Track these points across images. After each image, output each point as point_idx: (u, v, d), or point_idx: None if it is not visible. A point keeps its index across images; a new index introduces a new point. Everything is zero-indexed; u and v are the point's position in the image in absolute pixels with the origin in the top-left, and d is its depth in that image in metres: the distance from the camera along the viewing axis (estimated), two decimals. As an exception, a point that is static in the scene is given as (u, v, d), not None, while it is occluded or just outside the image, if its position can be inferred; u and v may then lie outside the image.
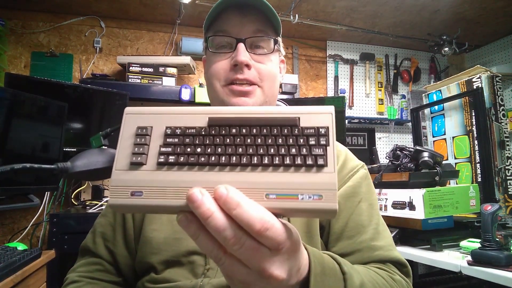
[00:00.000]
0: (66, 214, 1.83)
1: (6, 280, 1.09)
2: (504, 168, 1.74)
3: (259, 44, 0.68)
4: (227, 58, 0.67)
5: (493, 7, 2.52)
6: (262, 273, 0.34)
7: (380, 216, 0.70)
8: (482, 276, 1.15)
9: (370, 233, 0.64)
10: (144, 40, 2.71)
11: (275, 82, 0.71)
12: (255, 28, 0.67)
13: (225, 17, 0.68)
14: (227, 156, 0.35)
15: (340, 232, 0.64)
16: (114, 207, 0.36)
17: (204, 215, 0.32)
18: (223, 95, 0.67)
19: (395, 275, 0.59)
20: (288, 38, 2.98)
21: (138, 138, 0.38)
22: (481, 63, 3.14)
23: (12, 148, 1.60)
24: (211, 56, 0.70)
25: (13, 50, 2.42)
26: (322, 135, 0.36)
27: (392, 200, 1.54)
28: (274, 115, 0.37)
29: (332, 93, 3.12)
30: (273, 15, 0.68)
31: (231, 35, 0.67)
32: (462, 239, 1.39)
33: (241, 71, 0.65)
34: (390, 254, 0.63)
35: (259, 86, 0.67)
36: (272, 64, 0.70)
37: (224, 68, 0.67)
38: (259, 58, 0.68)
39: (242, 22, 0.67)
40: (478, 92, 1.79)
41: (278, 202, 0.34)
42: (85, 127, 2.14)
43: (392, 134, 3.24)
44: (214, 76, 0.68)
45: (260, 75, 0.67)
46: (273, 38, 0.69)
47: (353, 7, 2.54)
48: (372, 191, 0.72)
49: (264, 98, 0.68)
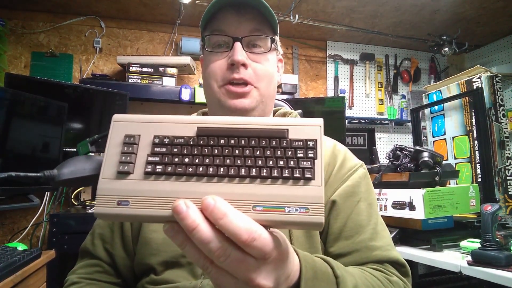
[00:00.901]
0: (66, 214, 1.83)
1: (6, 280, 1.09)
2: (504, 168, 1.74)
3: (256, 43, 0.68)
4: (224, 58, 0.67)
5: (493, 7, 2.52)
6: (249, 283, 0.34)
7: (379, 215, 0.69)
8: (482, 276, 1.15)
9: (369, 233, 0.64)
10: (144, 40, 2.71)
11: (271, 82, 0.71)
12: (252, 27, 0.67)
13: (222, 16, 0.68)
14: (215, 167, 0.35)
15: (338, 232, 0.64)
16: (100, 215, 0.36)
17: (189, 228, 0.32)
18: (220, 96, 0.67)
19: (392, 276, 0.59)
20: (288, 38, 2.98)
21: (126, 146, 0.37)
22: (481, 63, 3.14)
23: (12, 148, 1.60)
24: (208, 55, 0.70)
25: (13, 50, 2.42)
26: (310, 148, 0.36)
27: (392, 200, 1.54)
28: (263, 127, 0.37)
29: (332, 93, 3.12)
30: (270, 14, 0.68)
31: (228, 34, 0.67)
32: (462, 239, 1.39)
33: (238, 70, 0.65)
34: (388, 254, 0.62)
35: (255, 86, 0.67)
36: (269, 64, 0.70)
37: (221, 68, 0.67)
38: (255, 57, 0.68)
39: (238, 21, 0.67)
40: (478, 92, 1.79)
41: (265, 214, 0.34)
42: (85, 127, 2.14)
43: (392, 134, 3.24)
44: (211, 76, 0.68)
45: (256, 74, 0.67)
46: (270, 37, 0.69)
47: (353, 7, 2.54)
48: (371, 190, 0.72)
49: (261, 99, 0.68)
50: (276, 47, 0.73)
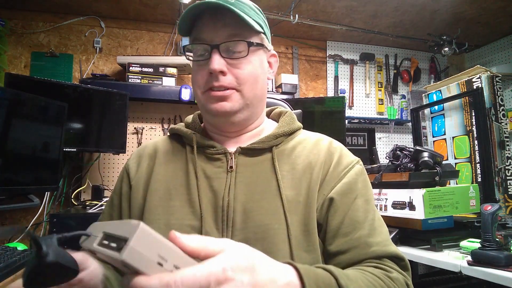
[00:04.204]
0: (66, 214, 1.83)
1: (6, 280, 1.09)
2: (504, 168, 1.74)
3: (234, 49, 0.67)
4: (205, 66, 0.67)
5: (493, 7, 2.52)
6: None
7: (376, 211, 0.70)
8: (482, 276, 1.15)
9: (366, 229, 0.65)
10: (144, 40, 2.71)
11: (257, 84, 0.70)
12: (229, 32, 0.66)
13: (200, 24, 0.68)
14: None
15: (336, 230, 0.65)
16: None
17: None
18: (204, 101, 0.69)
19: (392, 273, 0.59)
20: (288, 38, 2.98)
21: None
22: (481, 63, 3.14)
23: (12, 148, 1.60)
24: (193, 63, 0.71)
25: (13, 50, 2.42)
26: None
27: (392, 200, 1.54)
28: None
29: (332, 93, 3.12)
30: (250, 14, 0.68)
31: (206, 41, 0.67)
32: (462, 239, 1.39)
33: (216, 79, 0.66)
34: (387, 250, 0.63)
35: (237, 90, 0.67)
36: (252, 66, 0.69)
37: (203, 76, 0.68)
38: (235, 62, 0.67)
39: (215, 28, 0.66)
40: (478, 92, 1.79)
41: None
42: (85, 127, 2.14)
43: (392, 134, 3.24)
44: (195, 84, 0.70)
45: (238, 79, 0.67)
46: (247, 41, 0.67)
47: (353, 7, 2.54)
48: (368, 186, 0.72)
49: (244, 101, 0.68)
50: (262, 46, 0.71)
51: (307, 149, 0.72)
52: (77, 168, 2.36)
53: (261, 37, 0.72)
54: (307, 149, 0.72)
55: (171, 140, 0.79)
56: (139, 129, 2.54)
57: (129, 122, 2.46)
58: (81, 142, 2.11)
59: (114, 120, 2.21)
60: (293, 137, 0.75)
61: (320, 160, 0.70)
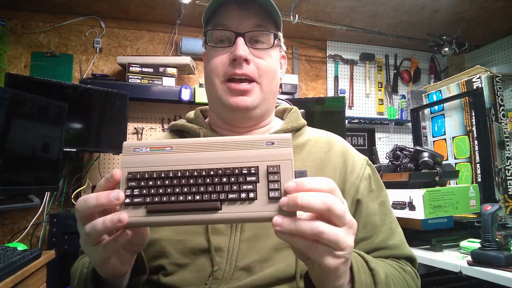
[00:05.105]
0: (66, 214, 1.83)
1: (6, 280, 1.09)
2: (504, 168, 1.74)
3: (259, 39, 0.67)
4: (226, 53, 0.66)
5: (493, 7, 2.52)
6: (343, 246, 0.42)
7: (391, 212, 0.71)
8: (482, 276, 1.15)
9: (386, 233, 0.66)
10: (144, 40, 2.71)
11: (274, 78, 0.70)
12: (255, 22, 0.66)
13: (225, 11, 0.67)
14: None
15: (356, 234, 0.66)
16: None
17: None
18: (222, 93, 0.66)
19: (406, 266, 0.64)
20: (288, 38, 2.98)
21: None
22: (481, 63, 3.14)
23: (12, 148, 1.60)
24: (210, 50, 0.69)
25: (13, 50, 2.42)
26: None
27: (392, 200, 1.54)
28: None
29: (332, 93, 3.12)
30: (274, 9, 0.68)
31: (230, 29, 0.66)
32: (462, 239, 1.39)
33: (240, 66, 0.64)
34: (404, 252, 0.66)
35: (257, 82, 0.66)
36: (272, 60, 0.69)
37: (223, 63, 0.66)
38: (258, 53, 0.67)
39: (241, 16, 0.66)
40: (478, 92, 1.79)
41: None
42: (85, 127, 2.14)
43: (392, 134, 3.24)
44: (213, 71, 0.67)
45: (259, 70, 0.66)
46: (273, 33, 0.68)
47: (353, 7, 2.54)
48: (381, 186, 0.72)
49: (263, 96, 0.67)
50: (279, 43, 0.72)
51: (318, 147, 0.71)
52: (77, 168, 2.36)
53: (279, 34, 0.72)
54: (318, 147, 0.71)
55: (172, 136, 0.77)
56: (139, 129, 2.55)
57: (129, 122, 2.46)
58: (81, 142, 2.11)
59: (114, 120, 2.21)
60: (301, 133, 0.74)
61: (333, 163, 0.69)
